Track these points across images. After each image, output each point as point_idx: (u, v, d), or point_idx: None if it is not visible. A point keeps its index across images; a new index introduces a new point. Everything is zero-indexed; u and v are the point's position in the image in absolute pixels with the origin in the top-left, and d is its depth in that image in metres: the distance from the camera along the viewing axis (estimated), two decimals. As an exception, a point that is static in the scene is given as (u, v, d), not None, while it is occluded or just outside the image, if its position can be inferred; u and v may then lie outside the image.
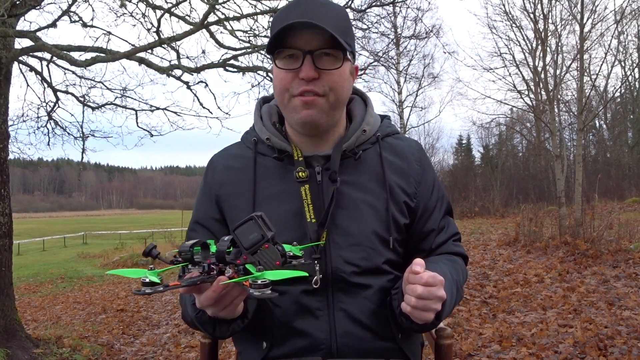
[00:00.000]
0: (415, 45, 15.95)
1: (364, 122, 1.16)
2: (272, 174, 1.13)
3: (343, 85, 1.08)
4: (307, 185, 1.09)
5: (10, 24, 4.59)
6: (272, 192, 1.12)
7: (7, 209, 4.80)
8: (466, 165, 29.97)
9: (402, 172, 1.16)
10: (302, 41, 1.03)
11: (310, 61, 1.03)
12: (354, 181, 1.12)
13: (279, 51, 1.06)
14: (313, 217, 1.07)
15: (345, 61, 1.07)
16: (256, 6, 5.56)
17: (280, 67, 1.07)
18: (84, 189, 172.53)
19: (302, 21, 0.99)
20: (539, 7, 11.82)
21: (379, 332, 1.10)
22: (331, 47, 1.03)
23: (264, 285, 0.76)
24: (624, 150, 23.14)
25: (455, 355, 3.92)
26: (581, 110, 8.92)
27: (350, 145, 1.13)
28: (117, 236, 35.07)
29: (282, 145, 1.13)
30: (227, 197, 1.15)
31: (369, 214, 1.11)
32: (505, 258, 7.82)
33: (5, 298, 4.67)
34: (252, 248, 0.79)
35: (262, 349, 1.11)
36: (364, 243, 1.09)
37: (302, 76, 1.03)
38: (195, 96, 6.19)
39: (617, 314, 4.50)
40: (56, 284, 12.28)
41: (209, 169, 1.21)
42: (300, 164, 1.10)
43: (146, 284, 0.78)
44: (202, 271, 0.82)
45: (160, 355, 5.10)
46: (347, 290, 1.09)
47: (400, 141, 1.21)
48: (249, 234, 0.80)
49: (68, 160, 42.41)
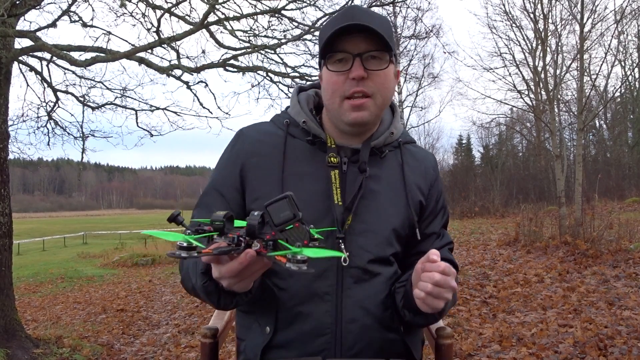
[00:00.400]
0: (415, 45, 15.95)
1: (392, 125, 1.24)
2: (301, 155, 1.19)
3: (389, 87, 1.16)
4: (336, 171, 1.16)
5: (10, 23, 4.59)
6: (298, 172, 1.17)
7: (7, 209, 4.80)
8: (466, 165, 29.96)
9: (420, 173, 1.25)
10: (351, 45, 1.11)
11: (360, 63, 1.10)
12: (376, 175, 1.19)
13: (330, 55, 1.13)
14: (340, 201, 1.14)
15: (391, 63, 1.15)
16: (256, 6, 5.57)
17: (331, 70, 1.14)
18: (84, 189, 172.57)
19: (353, 23, 1.08)
20: (539, 7, 11.85)
21: (384, 322, 1.13)
22: (378, 49, 1.11)
23: (302, 260, 0.78)
24: (624, 150, 23.14)
25: (455, 355, 3.92)
26: (581, 110, 8.92)
27: (378, 144, 1.20)
28: (117, 236, 35.06)
29: (317, 131, 1.19)
30: (254, 168, 1.19)
31: (387, 207, 1.17)
32: (505, 258, 7.82)
33: (5, 298, 4.68)
34: (282, 225, 0.81)
35: (266, 334, 1.13)
36: (381, 234, 1.15)
37: (352, 76, 1.10)
38: (195, 96, 6.20)
39: (617, 314, 4.50)
40: (56, 284, 12.28)
41: (238, 138, 1.24)
42: (332, 150, 1.17)
43: (183, 247, 0.78)
44: (231, 242, 0.83)
45: (160, 355, 5.10)
46: (358, 277, 1.13)
47: (419, 150, 1.31)
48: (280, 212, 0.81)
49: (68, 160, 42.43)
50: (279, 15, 5.49)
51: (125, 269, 15.02)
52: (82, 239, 35.58)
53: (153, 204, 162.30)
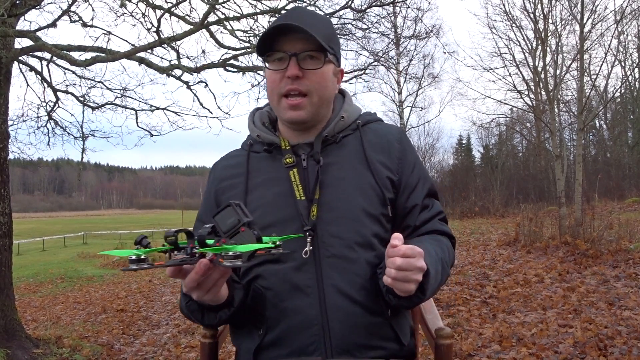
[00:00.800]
0: (415, 45, 15.90)
1: (342, 110, 1.27)
2: (264, 164, 1.25)
3: (325, 85, 1.20)
4: (295, 169, 1.20)
5: (10, 23, 4.59)
6: (263, 179, 1.23)
7: (7, 209, 4.80)
8: (466, 165, 29.98)
9: (383, 150, 1.24)
10: (288, 45, 1.16)
11: (295, 62, 1.15)
12: (337, 162, 1.21)
13: (269, 54, 1.19)
14: (302, 196, 1.17)
15: (327, 63, 1.19)
16: (256, 6, 5.57)
17: (270, 68, 1.20)
18: (84, 189, 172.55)
19: (286, 24, 1.13)
20: (539, 7, 11.84)
21: (369, 306, 1.13)
22: (313, 49, 1.16)
23: (235, 256, 0.82)
24: (624, 150, 23.14)
25: (455, 355, 3.92)
26: (581, 110, 8.92)
27: (330, 132, 1.23)
28: (117, 236, 35.10)
29: (270, 139, 1.25)
30: (224, 190, 1.27)
31: (353, 189, 1.18)
32: (505, 258, 7.82)
33: (5, 298, 4.67)
34: (229, 232, 0.87)
35: (258, 336, 1.15)
36: (349, 216, 1.16)
37: (287, 75, 1.16)
38: (195, 96, 6.20)
39: (617, 314, 4.50)
40: (56, 284, 12.28)
41: (211, 172, 1.35)
42: (287, 152, 1.22)
43: (133, 260, 0.82)
44: (186, 254, 0.89)
45: (160, 356, 5.10)
46: (336, 266, 1.13)
47: (382, 126, 1.31)
48: (227, 219, 0.87)
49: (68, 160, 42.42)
50: (278, 15, 5.48)
51: (125, 269, 15.00)
52: (82, 239, 35.60)
53: (153, 204, 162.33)
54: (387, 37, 10.00)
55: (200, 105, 6.38)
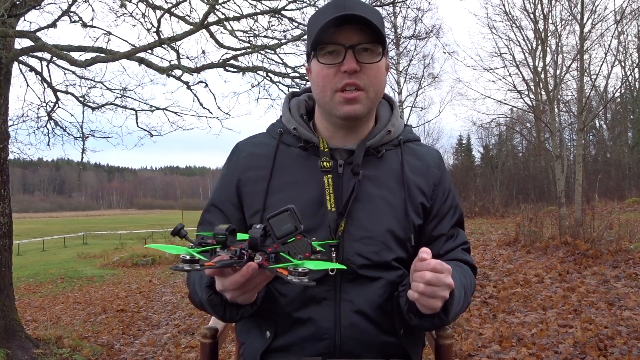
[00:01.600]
0: (415, 45, 15.88)
1: (390, 123, 1.20)
2: (295, 162, 1.17)
3: (381, 80, 1.13)
4: (330, 175, 1.13)
5: (10, 24, 4.59)
6: (292, 180, 1.15)
7: (7, 209, 4.80)
8: (466, 165, 29.98)
9: (421, 173, 1.19)
10: (342, 37, 1.07)
11: (352, 55, 1.07)
12: (374, 177, 1.15)
13: (321, 47, 1.10)
14: (333, 207, 1.11)
15: (383, 56, 1.12)
16: (256, 6, 5.56)
17: (322, 62, 1.10)
18: (84, 189, 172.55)
19: (347, 14, 1.04)
20: (539, 7, 11.83)
21: (382, 326, 1.11)
22: (371, 41, 1.08)
23: (304, 273, 0.79)
24: (624, 150, 23.13)
25: (455, 355, 3.92)
26: (581, 111, 8.92)
27: (374, 143, 1.17)
28: (117, 236, 35.03)
29: (309, 136, 1.16)
30: (247, 182, 1.18)
31: (385, 210, 1.13)
32: (505, 258, 7.82)
33: (5, 298, 4.67)
34: (283, 238, 0.82)
35: (266, 338, 1.12)
36: (377, 238, 1.11)
37: (344, 69, 1.07)
38: (195, 96, 6.20)
39: (617, 314, 4.50)
40: (56, 284, 12.28)
41: (233, 154, 1.24)
42: (325, 154, 1.14)
43: (186, 260, 0.80)
44: (234, 255, 0.84)
45: (160, 356, 5.10)
46: (355, 282, 1.10)
47: (422, 147, 1.25)
48: (282, 225, 0.82)
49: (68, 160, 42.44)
50: (279, 15, 5.49)
51: (125, 269, 15.01)
52: (82, 239, 35.56)
53: (153, 204, 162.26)
54: (387, 37, 10.01)
55: (200, 106, 6.39)
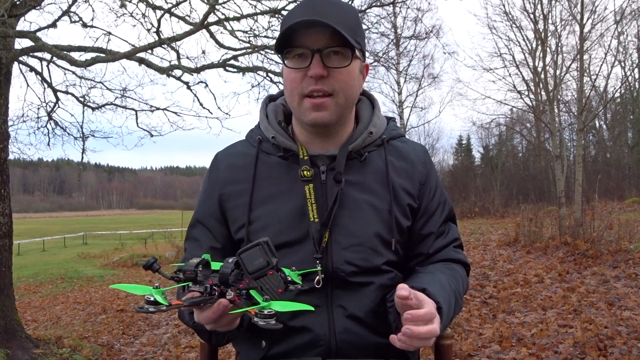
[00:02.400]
0: (415, 45, 15.92)
1: (371, 124, 1.16)
2: (276, 172, 1.13)
3: (352, 84, 1.08)
4: (311, 185, 1.09)
5: (10, 24, 4.59)
6: (274, 191, 1.12)
7: (7, 209, 4.80)
8: (466, 165, 29.99)
9: (407, 174, 1.16)
10: (310, 40, 1.03)
11: (319, 59, 1.03)
12: (358, 182, 1.12)
13: (288, 51, 1.06)
14: (316, 217, 1.07)
15: (354, 59, 1.06)
16: (256, 6, 5.57)
17: (289, 66, 1.07)
18: (84, 189, 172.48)
19: (308, 19, 1.00)
20: (538, 8, 11.84)
21: (377, 328, 1.10)
22: (339, 45, 1.03)
23: (270, 315, 0.77)
24: (624, 150, 23.14)
25: (455, 355, 3.92)
26: (581, 111, 8.92)
27: (356, 147, 1.13)
28: (117, 236, 35.02)
29: (287, 144, 1.12)
30: (229, 197, 1.15)
31: (371, 215, 1.10)
32: (505, 258, 7.82)
33: (5, 298, 4.67)
34: (256, 273, 0.81)
35: (262, 348, 1.12)
36: (366, 244, 1.09)
37: (310, 74, 1.03)
38: (195, 96, 6.20)
39: (617, 314, 4.50)
40: (56, 284, 12.28)
41: (213, 167, 1.20)
42: (305, 162, 1.10)
43: (150, 302, 0.78)
44: (204, 291, 0.83)
45: (160, 356, 5.10)
46: (346, 289, 1.09)
47: (406, 144, 1.21)
48: (254, 259, 0.81)
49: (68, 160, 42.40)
50: (279, 15, 5.49)
51: (125, 269, 15.02)
52: (82, 239, 35.56)
53: (153, 204, 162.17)
54: (387, 37, 10.04)
55: (200, 106, 6.38)
